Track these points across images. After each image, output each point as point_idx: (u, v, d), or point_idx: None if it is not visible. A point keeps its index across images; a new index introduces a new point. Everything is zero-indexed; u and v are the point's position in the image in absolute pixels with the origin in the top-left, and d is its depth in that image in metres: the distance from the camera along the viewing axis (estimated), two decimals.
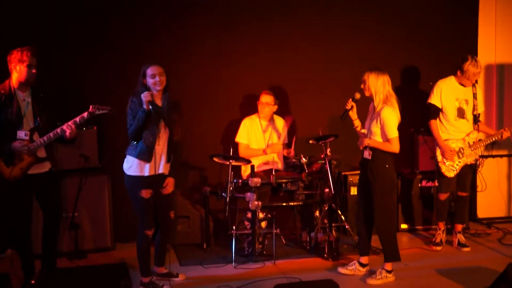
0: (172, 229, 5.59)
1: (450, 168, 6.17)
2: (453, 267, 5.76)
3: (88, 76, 6.42)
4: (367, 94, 5.39)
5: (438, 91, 6.18)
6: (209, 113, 6.76)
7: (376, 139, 5.37)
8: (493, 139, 6.22)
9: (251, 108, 6.62)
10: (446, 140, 6.17)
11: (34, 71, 5.07)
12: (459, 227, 6.43)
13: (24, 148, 5.00)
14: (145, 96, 4.94)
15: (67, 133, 5.06)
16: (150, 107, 4.92)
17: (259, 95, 6.49)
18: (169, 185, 5.21)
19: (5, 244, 6.07)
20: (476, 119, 6.21)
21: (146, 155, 5.02)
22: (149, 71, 5.03)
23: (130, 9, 6.52)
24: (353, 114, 5.51)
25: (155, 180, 5.11)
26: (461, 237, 6.39)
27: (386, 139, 5.33)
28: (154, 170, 5.07)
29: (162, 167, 5.13)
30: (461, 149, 6.16)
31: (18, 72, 5.03)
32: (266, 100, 6.42)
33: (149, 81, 5.03)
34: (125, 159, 5.10)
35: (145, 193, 5.06)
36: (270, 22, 6.87)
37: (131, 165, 5.05)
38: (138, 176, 5.04)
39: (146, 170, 5.05)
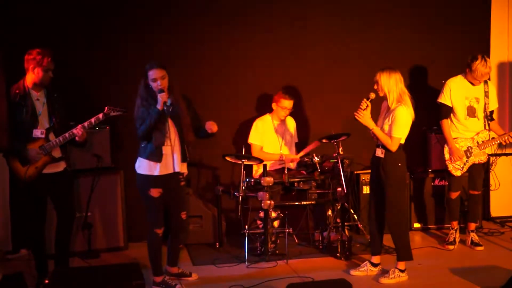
0: (184, 230, 5.58)
1: (456, 167, 6.13)
2: (466, 266, 5.74)
3: (104, 76, 6.44)
4: (381, 94, 5.37)
5: (448, 90, 6.14)
6: (221, 113, 6.73)
7: None
8: (499, 141, 6.16)
9: (263, 108, 6.61)
10: (455, 138, 6.13)
11: (51, 75, 5.11)
12: (472, 226, 6.39)
13: (39, 157, 5.04)
14: (162, 97, 4.92)
15: (76, 137, 5.10)
16: (165, 108, 4.93)
17: (272, 95, 6.49)
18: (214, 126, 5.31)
19: (19, 243, 6.11)
20: (488, 117, 6.17)
21: (156, 156, 5.02)
22: (151, 74, 4.97)
23: (145, 9, 6.54)
24: (367, 114, 5.48)
25: (167, 179, 5.12)
26: (474, 236, 6.35)
27: (389, 135, 5.32)
28: (166, 169, 5.08)
29: (177, 167, 5.13)
30: (469, 148, 6.12)
31: (35, 74, 5.06)
32: (290, 106, 6.40)
33: (151, 84, 5.00)
34: (137, 159, 5.12)
35: (154, 192, 5.07)
36: (282, 21, 6.85)
37: (141, 165, 5.08)
38: (148, 175, 5.06)
39: (157, 170, 5.05)
